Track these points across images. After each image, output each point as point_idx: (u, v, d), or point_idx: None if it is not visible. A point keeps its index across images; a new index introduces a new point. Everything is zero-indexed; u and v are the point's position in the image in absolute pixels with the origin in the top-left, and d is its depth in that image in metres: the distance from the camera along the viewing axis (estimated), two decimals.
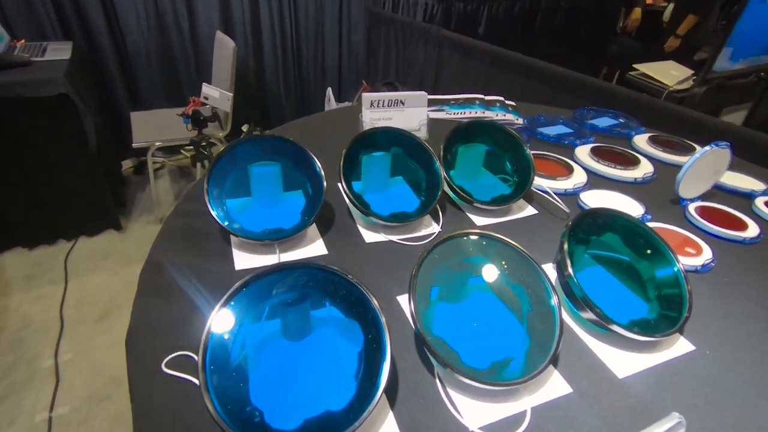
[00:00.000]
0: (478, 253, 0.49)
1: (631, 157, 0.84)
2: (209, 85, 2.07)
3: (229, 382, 0.36)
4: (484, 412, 0.40)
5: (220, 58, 2.35)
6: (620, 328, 0.45)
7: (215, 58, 2.39)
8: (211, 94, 2.08)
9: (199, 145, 2.20)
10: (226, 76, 2.24)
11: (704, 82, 1.92)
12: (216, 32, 2.33)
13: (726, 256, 0.62)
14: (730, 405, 0.42)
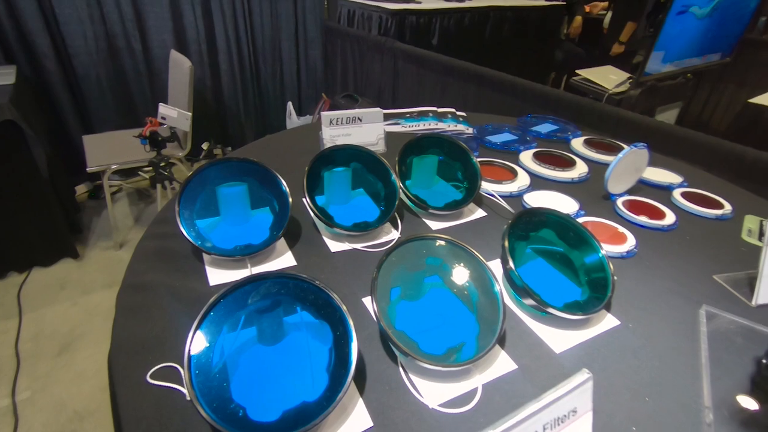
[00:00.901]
0: (432, 254, 0.56)
1: (568, 160, 0.95)
2: (166, 105, 2.06)
3: (213, 384, 0.41)
4: (442, 391, 0.46)
5: (175, 78, 2.35)
6: (556, 311, 0.53)
7: (171, 78, 2.39)
8: (168, 114, 2.07)
9: (159, 166, 2.18)
10: (184, 96, 2.24)
11: (638, 85, 2.12)
12: (170, 52, 2.33)
13: (648, 242, 0.72)
14: (648, 368, 0.51)
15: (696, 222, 0.79)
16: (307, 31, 2.89)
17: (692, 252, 0.71)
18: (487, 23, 2.96)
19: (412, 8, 2.61)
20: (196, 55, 2.61)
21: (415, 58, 2.35)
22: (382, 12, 2.60)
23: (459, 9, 2.80)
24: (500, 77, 2.02)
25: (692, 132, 1.55)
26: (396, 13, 2.55)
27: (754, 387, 0.49)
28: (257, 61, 2.82)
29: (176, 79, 2.32)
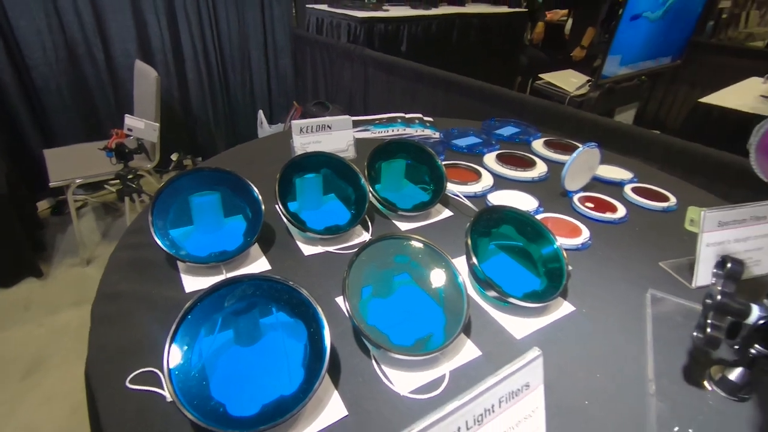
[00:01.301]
0: (400, 253, 0.60)
1: (529, 160, 1.01)
2: (132, 117, 2.04)
3: (193, 383, 0.43)
4: (412, 379, 0.50)
5: (141, 89, 2.32)
6: (516, 300, 0.58)
7: (136, 88, 2.36)
8: (135, 126, 2.05)
9: (126, 179, 2.15)
10: (150, 107, 2.21)
11: (597, 87, 2.25)
12: (135, 62, 2.30)
13: (601, 234, 0.78)
14: (599, 348, 0.56)
15: (644, 214, 0.86)
16: (276, 39, 2.90)
17: (640, 242, 0.78)
18: (454, 30, 3.06)
19: (381, 16, 2.67)
20: (162, 64, 2.58)
21: (384, 64, 2.41)
22: (351, 20, 2.65)
23: (426, 16, 2.89)
24: (468, 82, 2.10)
25: (647, 131, 1.66)
26: (364, 20, 2.60)
27: (691, 359, 0.55)
28: (226, 70, 2.81)
29: (142, 90, 2.29)
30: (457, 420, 0.34)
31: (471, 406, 0.35)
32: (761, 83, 2.64)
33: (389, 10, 2.84)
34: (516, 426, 0.39)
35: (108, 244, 2.19)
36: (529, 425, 0.40)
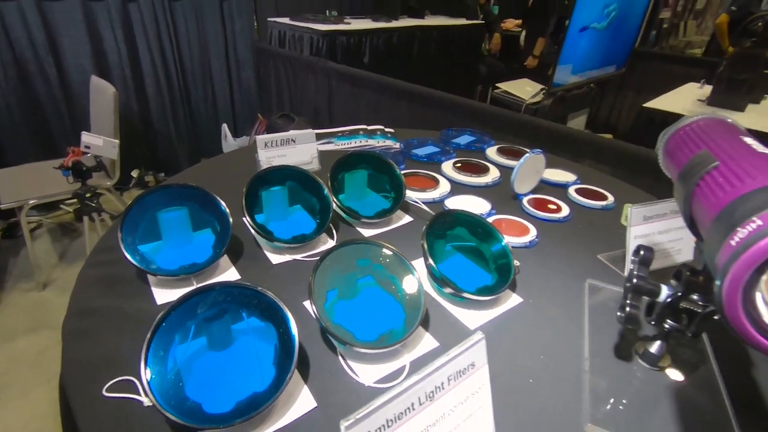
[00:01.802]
0: (362, 257, 0.65)
1: (483, 167, 1.09)
2: (90, 134, 2.01)
3: (169, 386, 0.47)
4: (376, 371, 0.55)
5: (98, 105, 2.29)
6: (470, 295, 0.65)
7: (93, 104, 2.32)
8: (93, 143, 2.02)
9: (85, 198, 2.10)
10: (108, 123, 2.19)
11: (550, 95, 2.40)
12: (90, 78, 2.26)
13: (547, 233, 0.87)
14: (543, 333, 0.63)
15: (586, 213, 0.96)
16: (238, 51, 2.92)
17: (582, 238, 0.86)
18: (415, 42, 3.17)
19: (343, 29, 2.74)
20: (120, 79, 2.55)
21: (348, 77, 2.48)
22: (313, 33, 2.72)
23: (387, 29, 2.99)
24: (430, 93, 2.19)
25: (597, 136, 1.80)
26: (327, 34, 2.67)
27: (621, 338, 0.63)
28: (187, 84, 2.80)
29: (99, 106, 2.26)
30: (411, 397, 0.40)
31: (423, 384, 0.41)
32: (698, 88, 2.89)
33: (351, 23, 2.93)
34: (464, 401, 0.45)
35: (66, 267, 2.12)
36: (476, 400, 0.46)
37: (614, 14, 2.67)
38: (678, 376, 0.57)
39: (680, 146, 0.53)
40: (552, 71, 2.27)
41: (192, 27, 2.72)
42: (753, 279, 0.31)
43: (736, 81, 2.45)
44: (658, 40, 5.26)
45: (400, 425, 0.39)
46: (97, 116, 2.33)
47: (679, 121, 0.56)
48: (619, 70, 2.99)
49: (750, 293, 0.31)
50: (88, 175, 2.16)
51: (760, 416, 0.53)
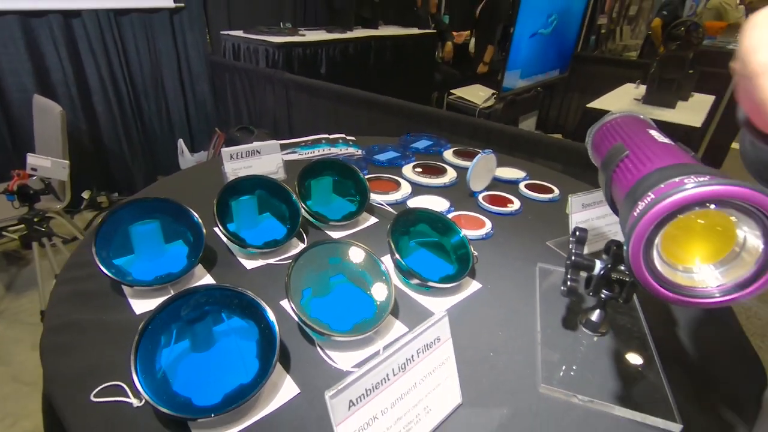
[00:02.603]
0: (332, 255, 0.71)
1: (441, 168, 1.18)
2: (36, 155, 1.95)
3: (158, 385, 0.50)
4: (352, 357, 0.61)
5: (43, 125, 2.21)
6: (435, 283, 0.72)
7: (37, 124, 2.24)
8: (40, 165, 1.96)
9: (33, 223, 2.03)
10: (56, 143, 2.12)
11: (501, 99, 2.56)
12: (33, 97, 2.19)
13: (501, 225, 0.96)
14: (501, 313, 0.71)
15: (534, 205, 1.06)
16: (192, 66, 2.90)
17: (532, 227, 0.96)
18: (370, 52, 3.27)
19: (298, 41, 2.79)
20: (66, 98, 2.47)
21: (306, 87, 2.53)
22: (268, 45, 2.75)
23: (342, 40, 3.07)
24: (387, 101, 2.28)
25: (545, 136, 1.94)
26: (282, 45, 2.71)
27: (568, 312, 0.71)
28: (138, 100, 2.75)
29: (44, 126, 2.19)
30: (386, 369, 0.46)
31: (395, 357, 0.47)
32: (634, 88, 3.16)
33: (305, 34, 2.99)
34: (433, 371, 0.51)
35: (15, 297, 2.03)
36: (443, 370, 0.53)
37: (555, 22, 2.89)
38: (616, 339, 0.66)
39: (602, 140, 0.63)
40: (501, 77, 2.42)
41: (141, 42, 2.68)
42: (649, 240, 0.39)
43: (666, 81, 2.71)
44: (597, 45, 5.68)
45: (377, 394, 0.45)
46: (42, 137, 2.25)
47: (602, 118, 0.66)
48: (562, 74, 3.22)
49: (649, 252, 0.40)
50: (36, 198, 2.08)
51: (681, 367, 0.63)
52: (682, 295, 0.39)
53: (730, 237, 0.39)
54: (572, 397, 0.56)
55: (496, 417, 0.54)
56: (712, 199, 0.35)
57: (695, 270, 0.41)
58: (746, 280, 0.38)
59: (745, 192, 0.34)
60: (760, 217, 0.36)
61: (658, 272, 0.40)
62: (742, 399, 0.58)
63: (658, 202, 0.37)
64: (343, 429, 0.42)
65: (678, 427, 0.52)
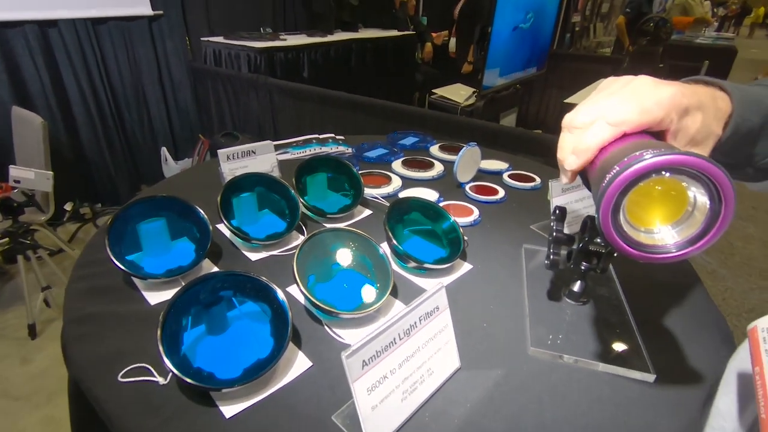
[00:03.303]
0: (334, 242, 0.77)
1: (428, 163, 1.25)
2: (19, 167, 1.96)
3: (183, 362, 0.55)
4: (357, 333, 0.66)
5: (23, 136, 2.22)
6: (430, 265, 0.78)
7: (16, 136, 2.24)
8: (24, 177, 1.97)
9: (17, 235, 2.04)
10: (38, 154, 2.13)
11: (482, 97, 2.66)
12: (12, 109, 2.19)
13: (488, 212, 1.03)
14: (492, 290, 0.78)
15: (518, 193, 1.14)
16: (173, 73, 2.92)
17: (517, 214, 1.04)
18: (351, 54, 3.35)
19: (279, 45, 2.85)
20: (44, 108, 2.47)
21: (289, 91, 2.58)
22: (250, 50, 2.79)
23: (323, 43, 3.13)
24: (371, 102, 2.35)
25: (526, 131, 2.03)
26: (263, 51, 2.76)
27: (552, 285, 0.79)
28: (119, 109, 2.76)
29: (25, 138, 2.19)
30: (393, 333, 0.52)
31: (400, 323, 0.53)
32: None
33: (287, 39, 3.04)
34: (434, 337, 0.58)
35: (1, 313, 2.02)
36: (443, 336, 0.59)
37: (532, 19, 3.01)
38: (596, 307, 0.74)
39: None
40: (481, 75, 2.52)
41: (120, 50, 2.69)
42: (616, 205, 0.46)
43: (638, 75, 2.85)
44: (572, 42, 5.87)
45: (386, 356, 0.52)
46: (22, 149, 2.25)
47: None
48: (540, 71, 3.35)
49: (616, 216, 0.47)
50: (20, 211, 2.09)
51: (653, 328, 0.70)
52: (646, 252, 0.47)
53: (683, 200, 0.46)
54: (559, 357, 0.64)
55: (492, 377, 0.61)
56: (666, 167, 0.43)
57: (655, 231, 0.48)
58: (696, 236, 0.45)
59: (693, 160, 0.41)
60: (705, 180, 0.43)
61: (624, 233, 0.47)
62: (707, 355, 0.66)
63: (622, 172, 0.44)
64: (358, 385, 0.48)
65: (652, 377, 0.60)
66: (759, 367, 0.47)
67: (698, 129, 0.46)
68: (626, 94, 0.44)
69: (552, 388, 0.59)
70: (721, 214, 0.42)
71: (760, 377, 0.46)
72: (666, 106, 0.42)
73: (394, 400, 0.53)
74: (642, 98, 0.43)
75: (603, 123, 0.44)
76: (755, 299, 2.37)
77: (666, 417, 0.55)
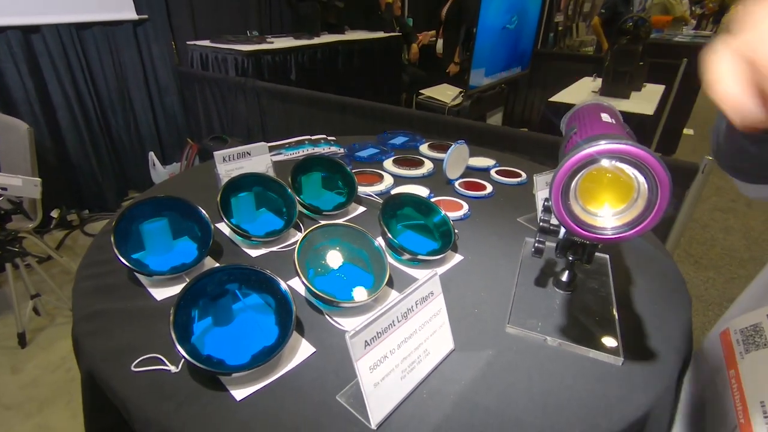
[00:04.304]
0: (332, 237, 0.81)
1: (418, 161, 1.30)
2: (6, 174, 1.96)
3: (194, 350, 0.59)
4: (356, 321, 0.71)
5: (7, 143, 2.21)
6: (423, 256, 0.83)
7: (1, 143, 2.23)
8: (11, 183, 1.98)
9: (5, 244, 2.04)
10: (24, 161, 2.13)
11: (468, 97, 2.73)
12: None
13: (476, 207, 1.08)
14: (482, 279, 0.83)
15: (505, 189, 1.19)
16: (159, 78, 2.93)
17: (504, 207, 1.09)
18: (338, 56, 3.39)
19: (266, 48, 2.88)
20: (28, 115, 2.47)
21: (278, 94, 2.62)
22: (237, 54, 2.82)
23: (310, 46, 3.17)
24: (360, 103, 2.40)
25: (512, 129, 2.10)
26: (251, 54, 2.79)
27: (541, 274, 0.84)
28: (105, 115, 2.76)
29: (10, 144, 2.18)
30: (392, 315, 0.57)
31: (398, 307, 0.58)
32: (591, 81, 3.39)
33: (273, 42, 3.07)
34: (430, 320, 0.63)
35: None
36: (437, 319, 0.64)
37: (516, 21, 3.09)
38: (583, 296, 0.79)
39: (569, 124, 0.76)
40: (467, 76, 2.59)
41: (105, 55, 2.70)
42: (565, 188, 0.51)
43: (620, 73, 2.95)
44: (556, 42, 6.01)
45: (386, 337, 0.56)
46: (7, 156, 2.24)
47: (574, 107, 0.80)
48: (524, 71, 3.44)
49: (566, 197, 0.52)
50: (7, 218, 2.08)
51: (635, 320, 0.76)
52: (591, 232, 0.51)
53: (631, 188, 0.51)
54: (543, 338, 0.69)
55: (484, 357, 0.66)
56: (605, 155, 0.47)
57: (603, 214, 0.53)
58: (634, 221, 0.50)
59: (626, 148, 0.46)
60: (644, 168, 0.48)
61: (574, 215, 0.52)
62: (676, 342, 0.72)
63: (568, 160, 0.49)
64: (361, 363, 0.53)
65: (619, 359, 0.65)
66: (734, 370, 0.49)
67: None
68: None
69: (539, 365, 0.65)
70: (657, 202, 0.46)
71: (736, 380, 0.49)
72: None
73: (394, 379, 0.57)
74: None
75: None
76: (736, 289, 2.48)
77: (639, 390, 0.61)
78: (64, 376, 1.98)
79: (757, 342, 0.44)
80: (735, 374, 0.45)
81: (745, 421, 0.42)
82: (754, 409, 0.41)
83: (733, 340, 0.47)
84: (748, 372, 0.44)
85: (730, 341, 0.48)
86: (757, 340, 0.44)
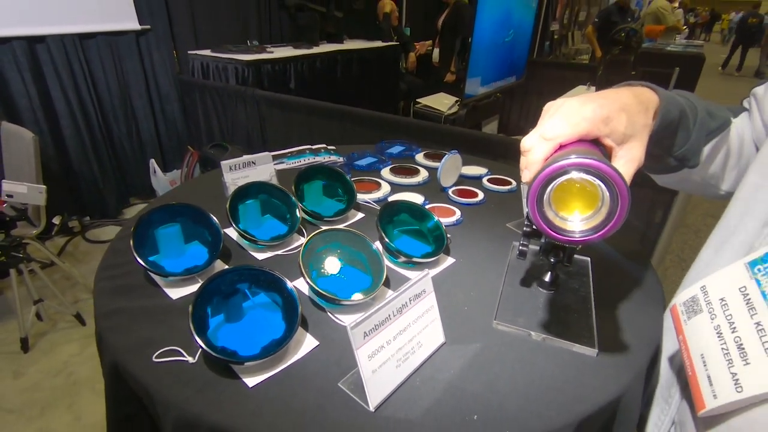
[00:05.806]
0: (334, 241, 0.89)
1: (414, 170, 1.38)
2: (12, 182, 2.04)
3: (210, 341, 0.66)
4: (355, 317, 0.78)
5: (13, 151, 2.29)
6: (417, 259, 0.91)
7: (5, 151, 2.31)
8: (16, 191, 2.05)
9: (11, 250, 2.11)
10: (29, 169, 2.21)
11: (464, 106, 2.82)
12: (1, 124, 2.26)
13: (468, 213, 1.16)
14: (472, 279, 0.91)
15: (496, 196, 1.28)
16: (160, 86, 3.02)
17: (494, 214, 1.17)
18: (337, 65, 3.49)
19: (266, 58, 2.97)
20: (32, 123, 2.54)
21: (277, 102, 2.70)
22: (237, 63, 2.91)
23: (310, 55, 3.27)
24: (358, 112, 2.49)
25: (506, 137, 2.19)
26: (251, 63, 2.88)
27: (528, 275, 0.92)
28: (108, 123, 2.84)
29: (15, 152, 2.26)
30: (388, 310, 0.65)
31: (394, 303, 0.66)
32: (586, 89, 3.50)
33: (273, 51, 3.17)
34: (422, 315, 0.70)
35: None
36: (429, 315, 0.72)
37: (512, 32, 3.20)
38: (564, 295, 0.87)
39: None
40: (463, 85, 2.68)
41: (108, 64, 2.78)
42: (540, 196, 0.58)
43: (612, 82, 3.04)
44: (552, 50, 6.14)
45: (383, 329, 0.64)
46: (12, 164, 2.32)
47: None
48: (519, 80, 3.54)
49: (541, 204, 0.59)
50: (12, 225, 2.15)
51: (611, 317, 0.84)
52: (562, 234, 0.59)
53: (596, 197, 0.58)
54: (519, 330, 0.76)
55: (472, 349, 0.73)
56: (574, 168, 0.55)
57: (573, 219, 0.60)
58: (598, 226, 0.58)
59: (591, 162, 0.53)
60: (606, 180, 0.55)
61: (548, 219, 0.59)
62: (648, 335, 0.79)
63: (541, 172, 0.56)
64: (361, 352, 0.60)
65: (594, 351, 0.72)
66: (682, 335, 0.60)
67: (626, 126, 0.56)
68: (558, 114, 0.57)
69: (522, 357, 0.72)
70: (617, 210, 0.53)
71: (683, 343, 0.59)
72: (590, 119, 0.55)
73: (390, 367, 0.65)
74: (570, 116, 0.56)
75: (542, 140, 0.56)
76: None
77: (612, 379, 0.68)
78: (66, 380, 2.04)
79: (695, 309, 0.55)
80: (683, 339, 0.56)
81: (692, 372, 0.52)
82: (697, 360, 0.53)
83: (679, 311, 0.58)
84: (691, 334, 0.55)
85: (677, 313, 0.58)
86: (695, 308, 0.55)
